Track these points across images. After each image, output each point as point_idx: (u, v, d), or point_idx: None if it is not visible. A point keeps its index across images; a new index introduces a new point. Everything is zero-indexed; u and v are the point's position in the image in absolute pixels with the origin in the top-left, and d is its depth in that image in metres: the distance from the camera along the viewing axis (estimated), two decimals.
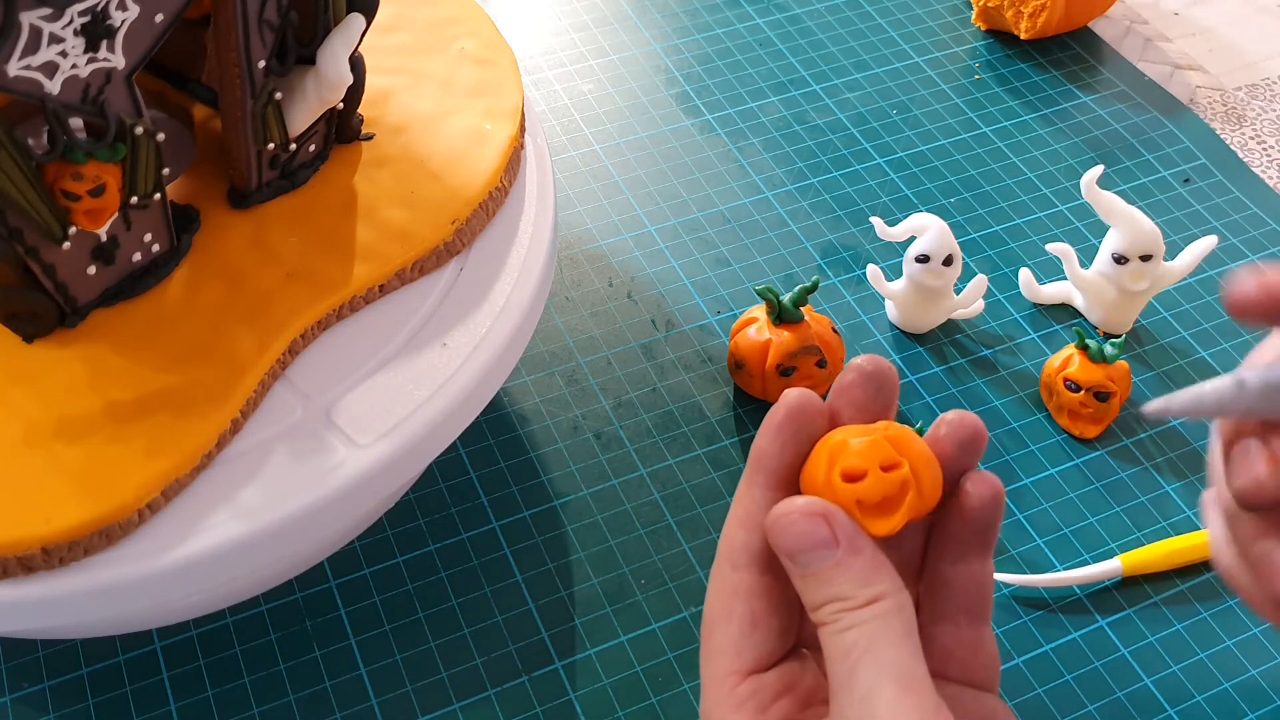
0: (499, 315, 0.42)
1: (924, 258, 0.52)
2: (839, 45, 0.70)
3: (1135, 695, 0.45)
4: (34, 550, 0.34)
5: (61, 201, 0.35)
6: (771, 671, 0.29)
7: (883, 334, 0.56)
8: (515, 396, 0.52)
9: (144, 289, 0.40)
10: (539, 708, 0.43)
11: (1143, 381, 0.54)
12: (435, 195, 0.44)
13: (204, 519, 0.36)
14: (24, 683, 0.43)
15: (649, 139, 0.64)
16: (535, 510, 0.48)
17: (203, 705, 0.43)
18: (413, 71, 0.48)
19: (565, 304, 0.56)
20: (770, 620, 0.29)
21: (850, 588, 0.27)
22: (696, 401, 0.53)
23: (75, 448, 0.36)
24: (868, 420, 0.30)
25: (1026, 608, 0.47)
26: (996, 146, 0.65)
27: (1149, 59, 0.72)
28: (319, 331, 0.41)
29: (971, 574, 0.30)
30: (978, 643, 0.30)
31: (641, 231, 0.59)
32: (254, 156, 0.42)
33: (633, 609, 0.46)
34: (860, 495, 0.27)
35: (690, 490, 0.50)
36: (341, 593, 0.46)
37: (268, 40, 0.39)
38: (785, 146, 0.64)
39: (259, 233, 0.42)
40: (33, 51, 0.32)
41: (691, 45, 0.70)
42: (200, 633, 0.44)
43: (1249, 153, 0.66)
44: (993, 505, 0.29)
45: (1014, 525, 0.49)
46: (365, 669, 0.44)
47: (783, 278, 0.58)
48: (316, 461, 0.38)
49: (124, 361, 0.38)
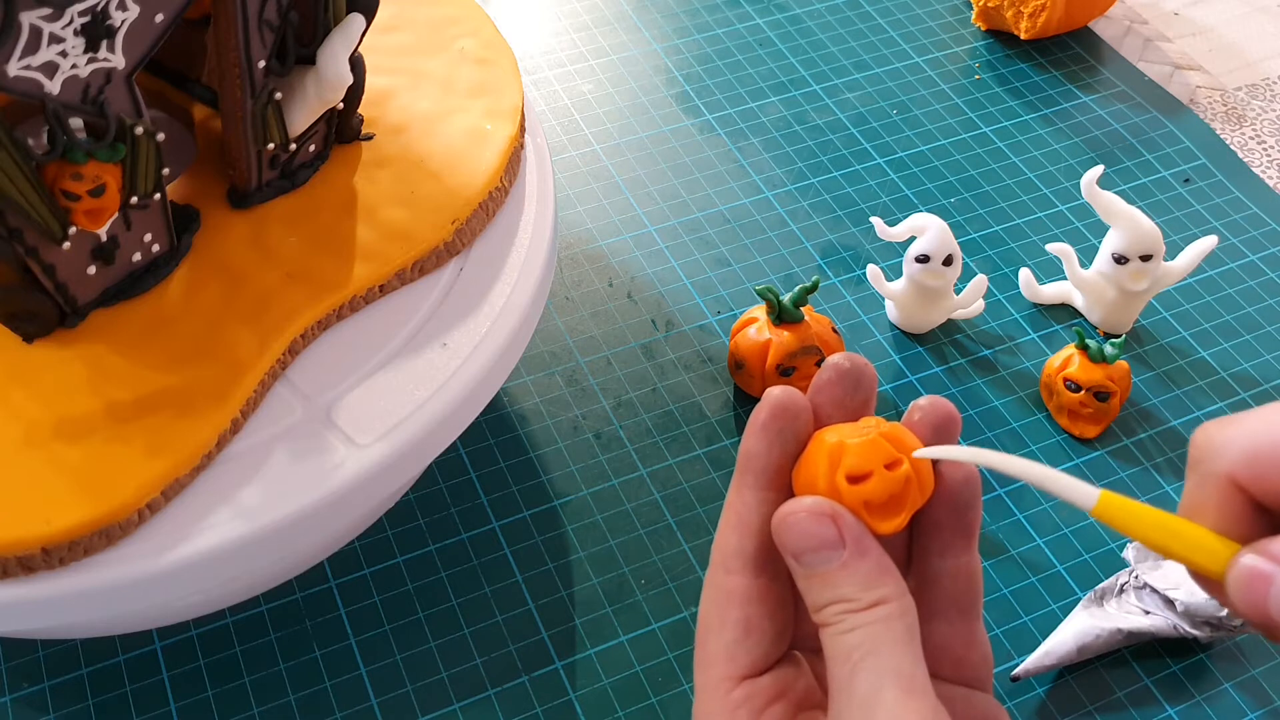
0: (499, 315, 0.42)
1: (924, 258, 0.52)
2: (839, 45, 0.70)
3: (1135, 695, 0.45)
4: (34, 550, 0.34)
5: (61, 201, 0.35)
6: (766, 676, 0.29)
7: (883, 334, 0.56)
8: (515, 396, 0.52)
9: (144, 289, 0.40)
10: (539, 708, 0.43)
11: (1143, 381, 0.54)
12: (435, 195, 0.44)
13: (204, 519, 0.36)
14: (24, 683, 0.43)
15: (649, 139, 0.64)
16: (535, 510, 0.48)
17: (203, 705, 0.43)
18: (413, 71, 0.48)
19: (565, 304, 0.56)
20: (764, 625, 0.29)
21: (855, 590, 0.27)
22: (696, 401, 0.53)
23: (75, 448, 0.36)
24: (848, 418, 0.29)
25: (1027, 608, 0.47)
26: (996, 146, 0.65)
27: (1149, 59, 0.72)
28: (319, 331, 0.41)
29: (959, 567, 0.30)
30: (970, 640, 0.30)
31: (641, 231, 0.59)
32: (254, 156, 0.42)
33: (633, 609, 0.46)
34: (867, 496, 0.27)
35: (690, 490, 0.50)
36: (341, 593, 0.46)
37: (268, 40, 0.39)
38: (785, 146, 0.64)
39: (259, 233, 0.42)
40: (33, 51, 0.32)
41: (691, 45, 0.70)
42: (200, 633, 0.44)
43: (1249, 153, 0.66)
44: (969, 485, 0.29)
45: (1014, 525, 0.49)
46: (365, 669, 0.44)
47: (783, 278, 0.58)
48: (316, 461, 0.38)
49: (124, 361, 0.38)
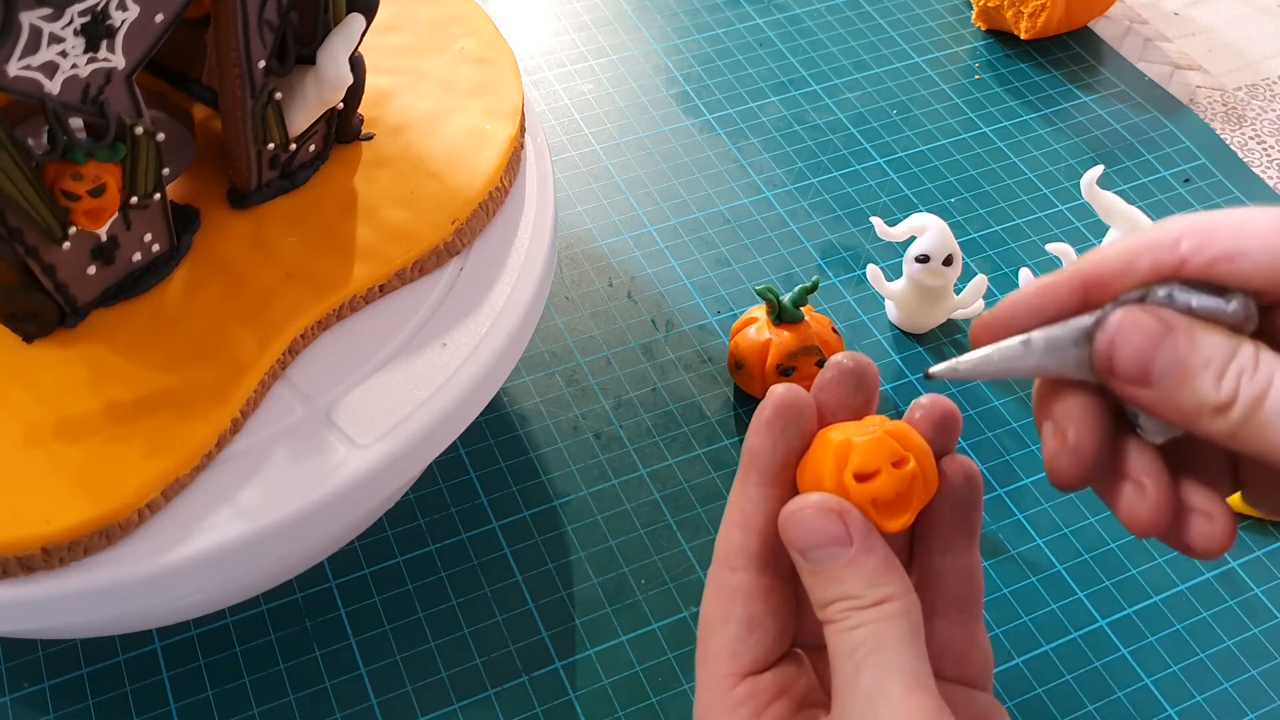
0: (499, 315, 0.42)
1: (924, 258, 0.52)
2: (839, 45, 0.70)
3: (1135, 695, 0.45)
4: (34, 550, 0.34)
5: (61, 201, 0.35)
6: (768, 674, 0.29)
7: (883, 334, 0.56)
8: (515, 396, 0.52)
9: (144, 289, 0.40)
10: (539, 708, 0.43)
11: None
12: (435, 195, 0.44)
13: (204, 519, 0.36)
14: (24, 683, 0.43)
15: (649, 139, 0.64)
16: (535, 510, 0.48)
17: (203, 705, 0.43)
18: (413, 71, 0.48)
19: (565, 304, 0.56)
20: (767, 622, 0.29)
21: (860, 587, 0.27)
22: (696, 401, 0.53)
23: (75, 448, 0.36)
24: (851, 416, 0.30)
25: (1027, 608, 0.47)
26: (996, 146, 0.65)
27: (1149, 59, 0.72)
28: (319, 331, 0.41)
29: (960, 565, 0.30)
30: (971, 639, 0.30)
31: (641, 231, 0.59)
32: (254, 156, 0.42)
33: (633, 609, 0.46)
34: (875, 494, 0.27)
35: (690, 490, 0.50)
36: (341, 593, 0.46)
37: (268, 40, 0.39)
38: (785, 146, 0.64)
39: (259, 233, 0.42)
40: (33, 51, 0.32)
41: (691, 45, 0.70)
42: (200, 633, 0.44)
43: (1249, 153, 0.66)
44: (970, 484, 0.29)
45: (1014, 525, 0.49)
46: (365, 669, 0.44)
47: (783, 278, 0.58)
48: (316, 461, 0.38)
49: (124, 361, 0.38)
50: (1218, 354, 0.25)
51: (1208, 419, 0.25)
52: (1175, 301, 0.26)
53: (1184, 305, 0.26)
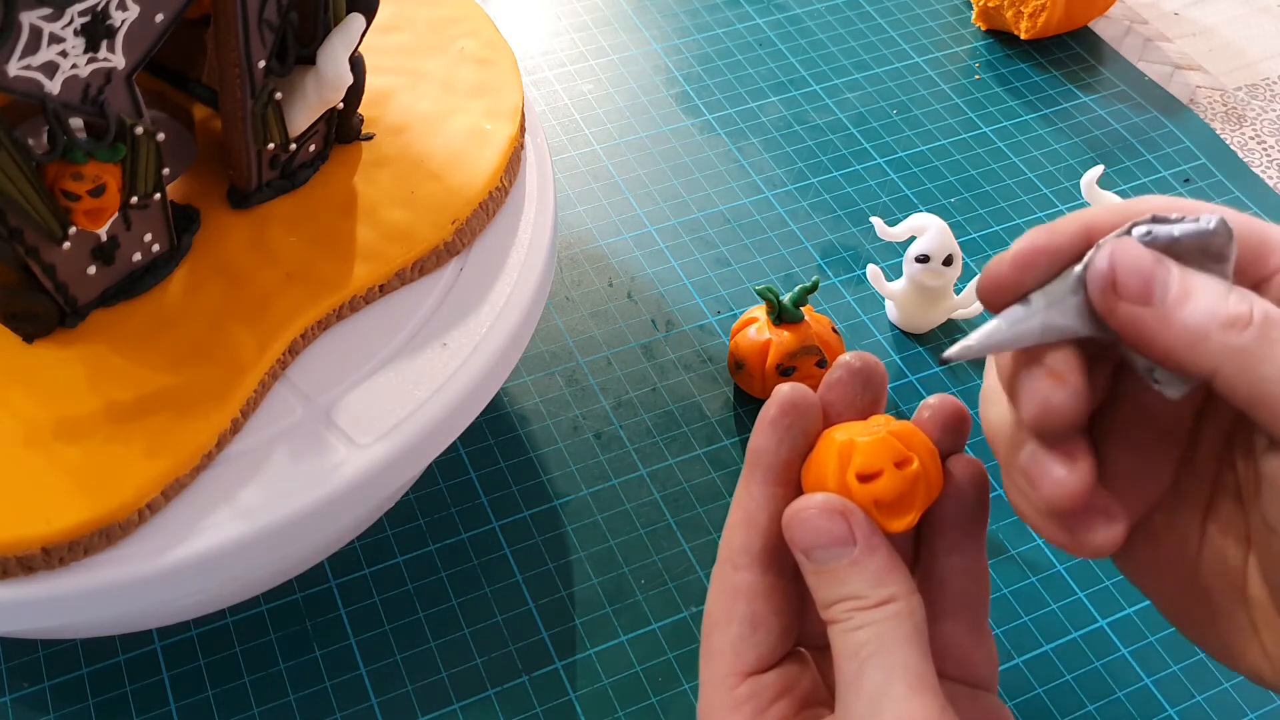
0: (499, 315, 0.42)
1: (924, 258, 0.52)
2: (839, 45, 0.70)
3: (1135, 695, 0.45)
4: (34, 550, 0.34)
5: (61, 201, 0.35)
6: (771, 673, 0.29)
7: (883, 334, 0.56)
8: (515, 396, 0.52)
9: (144, 289, 0.40)
10: (539, 708, 0.43)
11: None
12: (435, 195, 0.44)
13: (204, 519, 0.36)
14: (24, 683, 0.43)
15: (649, 139, 0.64)
16: (535, 510, 0.48)
17: (203, 705, 0.43)
18: (413, 71, 0.48)
19: (565, 304, 0.56)
20: (771, 621, 0.29)
21: (864, 587, 0.27)
22: (696, 401, 0.53)
23: (75, 448, 0.36)
24: (857, 416, 0.30)
25: (1027, 608, 0.47)
26: (996, 146, 0.65)
27: (1149, 59, 0.72)
28: (319, 331, 0.41)
29: (967, 565, 0.30)
30: (976, 640, 0.30)
31: (641, 231, 0.59)
32: (254, 156, 0.42)
33: (633, 609, 0.46)
34: (878, 495, 0.27)
35: (690, 490, 0.50)
36: (341, 593, 0.46)
37: (268, 40, 0.39)
38: (785, 146, 0.64)
39: (259, 233, 0.42)
40: (33, 51, 0.32)
41: (691, 45, 0.70)
42: (200, 633, 0.44)
43: (1249, 153, 0.66)
44: (977, 484, 0.29)
45: (1014, 525, 0.49)
46: (365, 669, 0.44)
47: (783, 278, 0.58)
48: (316, 461, 0.38)
49: (124, 361, 0.38)
50: (1216, 282, 0.24)
51: (1218, 334, 0.23)
52: (1157, 236, 0.25)
53: (1166, 237, 0.25)
